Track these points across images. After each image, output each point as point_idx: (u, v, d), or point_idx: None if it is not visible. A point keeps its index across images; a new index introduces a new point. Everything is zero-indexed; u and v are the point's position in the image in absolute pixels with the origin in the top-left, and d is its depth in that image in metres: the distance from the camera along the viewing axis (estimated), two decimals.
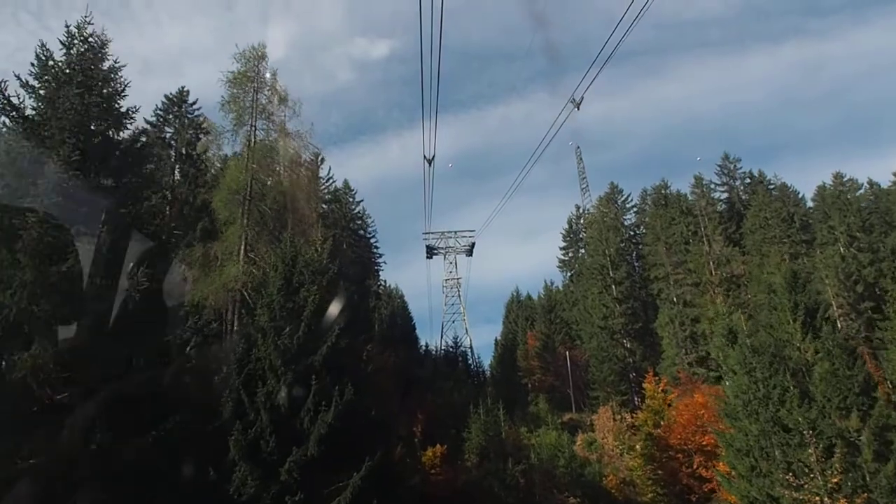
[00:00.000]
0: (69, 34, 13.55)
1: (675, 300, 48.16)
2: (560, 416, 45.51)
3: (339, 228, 47.84)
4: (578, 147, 73.82)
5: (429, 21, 8.08)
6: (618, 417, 41.46)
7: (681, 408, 33.67)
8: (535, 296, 68.94)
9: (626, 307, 49.78)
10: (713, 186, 62.61)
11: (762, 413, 21.55)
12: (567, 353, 51.00)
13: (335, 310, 17.84)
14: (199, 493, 14.22)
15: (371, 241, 58.50)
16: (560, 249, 73.52)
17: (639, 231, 65.82)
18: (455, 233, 64.92)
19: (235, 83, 26.58)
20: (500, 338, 67.39)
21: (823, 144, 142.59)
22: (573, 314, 57.84)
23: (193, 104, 32.67)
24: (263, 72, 27.49)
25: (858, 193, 54.18)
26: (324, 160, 46.83)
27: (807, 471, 19.77)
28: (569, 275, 71.09)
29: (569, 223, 73.18)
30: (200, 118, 32.44)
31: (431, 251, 64.46)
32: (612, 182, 72.99)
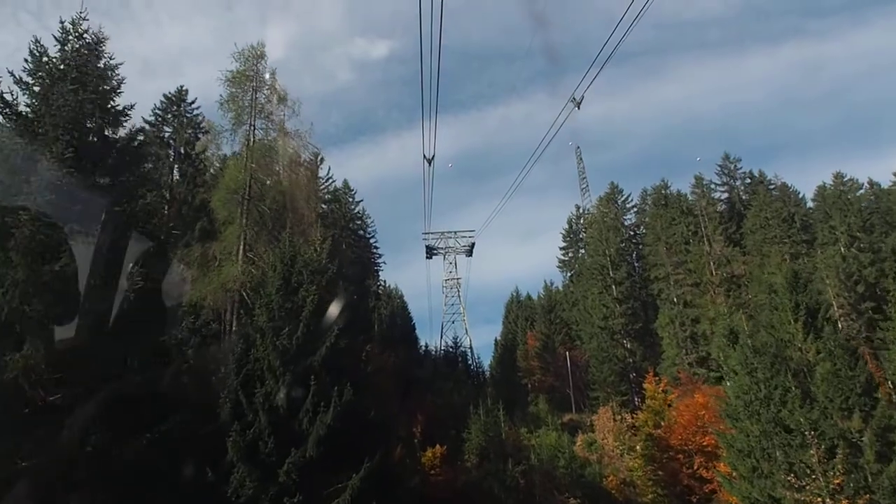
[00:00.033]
0: (64, 30, 13.39)
1: (676, 300, 48.06)
2: (560, 417, 45.37)
3: (339, 228, 47.71)
4: (578, 147, 73.56)
5: (428, 21, 8.01)
6: (618, 418, 41.32)
7: (681, 408, 33.58)
8: (535, 296, 68.87)
9: (627, 307, 49.70)
10: (713, 186, 62.68)
11: (763, 414, 21.45)
12: (567, 354, 50.88)
13: (334, 310, 17.73)
14: (197, 495, 14.11)
15: (371, 242, 58.43)
16: (560, 249, 73.47)
17: (639, 231, 65.69)
18: (455, 233, 64.80)
19: (234, 82, 26.42)
20: (500, 338, 67.33)
21: (823, 144, 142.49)
22: (573, 314, 57.71)
23: (192, 103, 32.60)
24: (262, 71, 27.34)
25: (859, 193, 54.10)
26: (323, 160, 46.71)
27: (808, 472, 19.65)
28: (569, 275, 71.02)
29: (569, 223, 73.12)
30: (199, 117, 32.36)
31: (431, 251, 64.33)
32: (612, 182, 72.86)
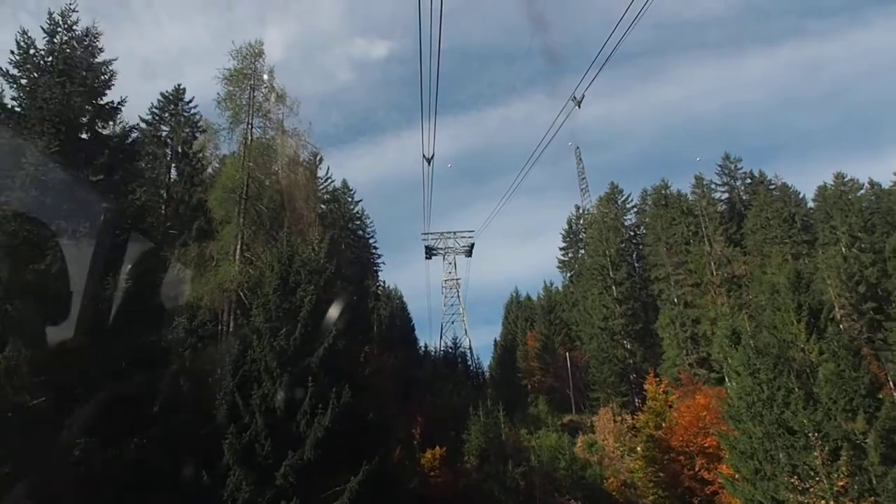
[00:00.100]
0: (52, 22, 13.05)
1: (676, 301, 47.86)
2: (560, 418, 45.15)
3: (338, 228, 47.50)
4: (578, 147, 73.50)
5: (428, 21, 7.87)
6: (618, 419, 41.15)
7: (682, 409, 33.36)
8: (535, 296, 68.67)
9: (627, 308, 49.50)
10: (714, 186, 62.59)
11: (766, 415, 21.20)
12: (567, 354, 50.67)
13: (333, 311, 17.50)
14: (193, 498, 13.90)
15: (370, 242, 58.24)
16: (560, 250, 73.35)
17: (639, 231, 65.53)
18: (454, 233, 64.68)
19: (232, 80, 26.19)
20: (500, 339, 67.18)
21: (823, 144, 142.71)
22: (573, 315, 57.50)
23: (189, 102, 32.39)
24: (260, 69, 27.14)
25: (860, 193, 53.94)
26: (322, 159, 46.48)
27: (812, 474, 19.45)
28: (568, 275, 70.86)
29: (568, 223, 72.95)
30: (197, 116, 32.12)
31: (430, 252, 64.16)
32: (613, 182, 72.83)
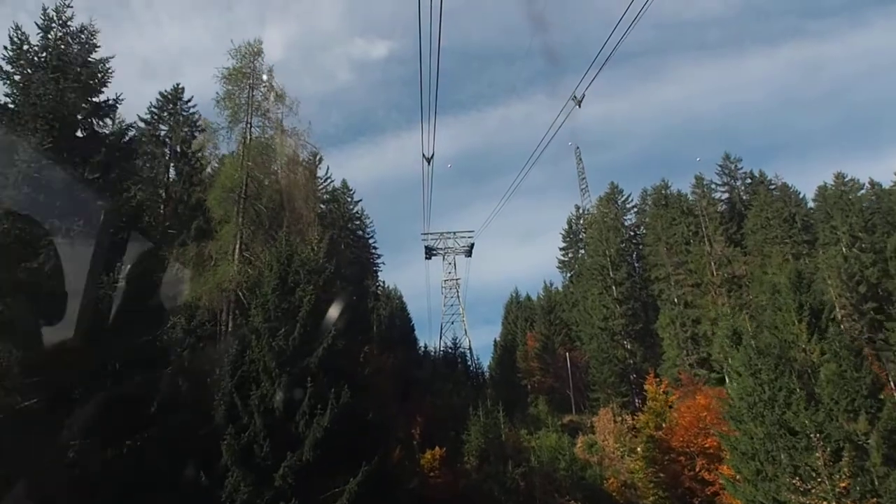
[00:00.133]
0: (46, 17, 12.87)
1: (676, 301, 47.75)
2: (560, 418, 45.08)
3: (338, 228, 47.38)
4: (578, 147, 73.38)
5: (428, 21, 7.81)
6: (618, 419, 41.04)
7: (683, 410, 33.27)
8: (535, 297, 68.54)
9: (627, 308, 49.40)
10: (714, 186, 62.50)
11: (768, 416, 21.09)
12: (567, 355, 50.56)
13: (332, 311, 17.40)
14: (191, 499, 13.79)
15: (370, 242, 58.11)
16: (560, 250, 73.24)
17: (639, 231, 65.42)
18: (454, 233, 64.50)
19: (231, 79, 26.08)
20: (500, 339, 67.01)
21: (823, 144, 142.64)
22: (573, 315, 57.39)
23: (188, 101, 32.29)
24: (259, 68, 27.03)
25: (860, 193, 53.83)
26: (322, 159, 46.35)
27: (814, 475, 19.34)
28: (568, 275, 70.75)
29: (568, 223, 72.85)
30: (196, 116, 32.01)
31: (430, 252, 64.01)
32: (613, 182, 72.71)
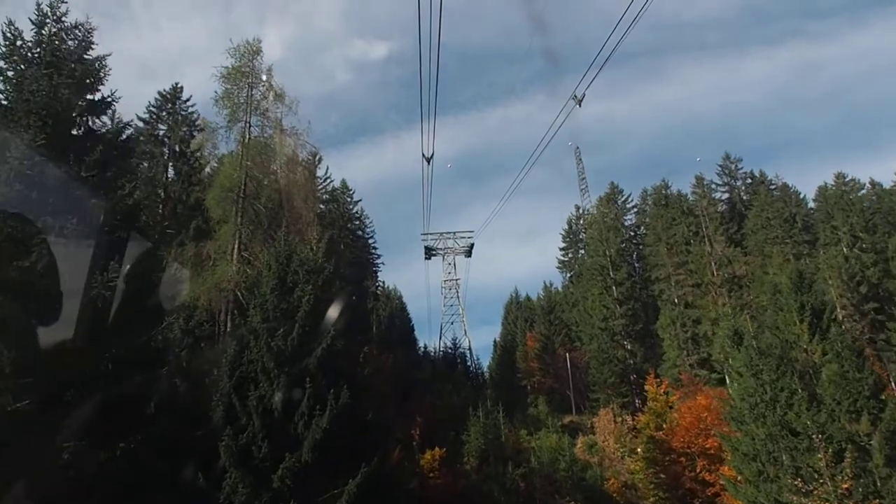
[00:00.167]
0: (40, 13, 12.73)
1: (677, 301, 47.63)
2: (560, 419, 44.93)
3: (337, 228, 47.28)
4: (578, 148, 73.15)
5: (427, 21, 7.70)
6: (619, 420, 40.87)
7: (683, 410, 33.16)
8: (535, 297, 68.38)
9: (627, 308, 49.26)
10: (714, 186, 62.44)
11: (769, 416, 21.00)
12: (567, 355, 50.41)
13: (331, 311, 17.29)
14: (188, 501, 13.68)
15: (369, 242, 58.06)
16: (560, 250, 73.13)
17: (639, 231, 65.31)
18: (454, 234, 64.36)
19: (229, 78, 25.98)
20: (500, 339, 66.78)
21: (823, 145, 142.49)
22: (573, 315, 57.26)
23: (187, 101, 32.17)
24: (258, 67, 26.92)
25: (861, 193, 53.75)
26: (321, 159, 46.25)
27: (816, 476, 19.26)
28: (568, 276, 70.63)
29: (568, 224, 72.74)
30: (195, 115, 31.90)
31: (430, 252, 63.85)
32: (613, 182, 72.49)
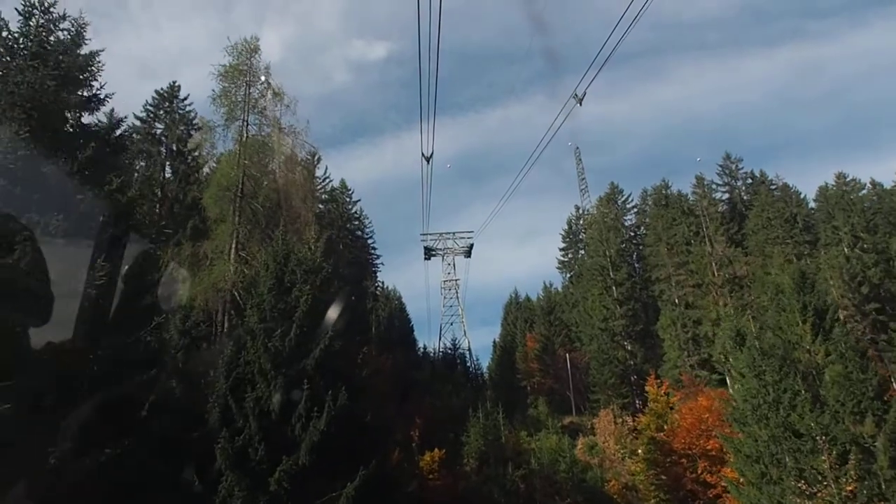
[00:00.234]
0: (28, 4, 12.40)
1: (677, 301, 47.41)
2: (560, 420, 44.72)
3: (336, 228, 47.09)
4: (578, 148, 73.14)
5: (427, 21, 7.57)
6: (619, 421, 40.64)
7: (684, 411, 32.97)
8: (535, 297, 68.20)
9: (627, 309, 49.07)
10: (715, 187, 62.31)
11: (772, 418, 20.75)
12: (567, 356, 50.23)
13: (330, 311, 17.06)
14: None
15: (368, 242, 57.90)
16: (559, 250, 73.00)
17: (639, 232, 65.16)
18: (453, 234, 64.20)
19: (227, 77, 25.74)
20: (499, 340, 66.62)
21: (824, 145, 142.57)
22: (573, 316, 57.07)
23: (185, 100, 31.98)
24: (256, 65, 26.66)
25: (861, 193, 53.62)
26: (321, 159, 46.10)
27: (820, 478, 19.04)
28: (568, 276, 70.47)
29: (568, 224, 72.60)
30: (192, 114, 31.67)
31: (430, 252, 63.68)
32: (612, 182, 72.48)
